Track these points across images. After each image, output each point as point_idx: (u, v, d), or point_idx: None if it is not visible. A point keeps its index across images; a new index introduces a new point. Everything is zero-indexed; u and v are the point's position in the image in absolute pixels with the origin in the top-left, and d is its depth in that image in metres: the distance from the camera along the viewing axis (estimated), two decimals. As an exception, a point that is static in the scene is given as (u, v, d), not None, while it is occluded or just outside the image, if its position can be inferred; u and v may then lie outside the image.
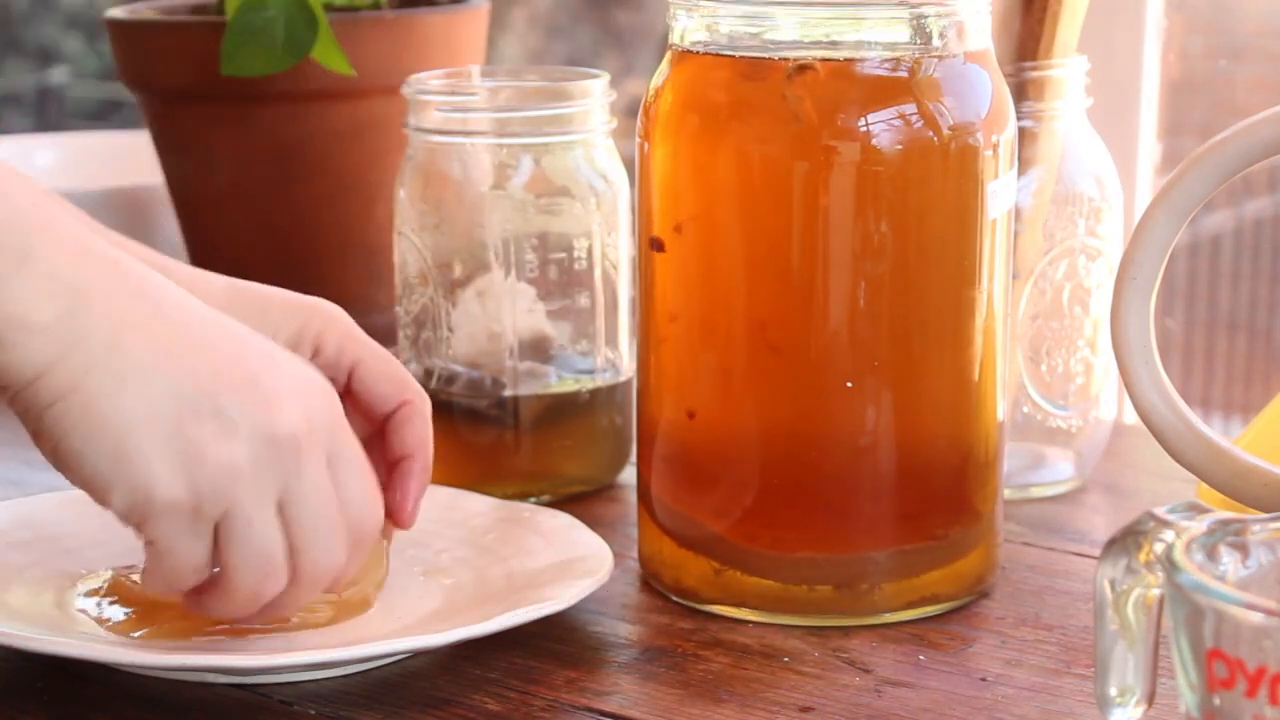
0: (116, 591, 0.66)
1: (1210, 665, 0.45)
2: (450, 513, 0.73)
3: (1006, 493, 0.75)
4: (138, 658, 0.60)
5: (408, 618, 0.66)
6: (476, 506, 0.73)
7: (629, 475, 0.81)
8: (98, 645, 0.62)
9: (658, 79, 0.68)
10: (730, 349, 0.67)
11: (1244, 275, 2.06)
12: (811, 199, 0.64)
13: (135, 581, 0.66)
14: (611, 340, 0.81)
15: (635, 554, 0.72)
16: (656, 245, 0.68)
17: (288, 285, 0.94)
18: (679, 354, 0.68)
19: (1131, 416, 0.87)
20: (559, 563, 0.67)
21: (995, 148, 0.66)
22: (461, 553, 0.70)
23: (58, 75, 3.91)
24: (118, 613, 0.65)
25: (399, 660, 0.64)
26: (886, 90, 0.64)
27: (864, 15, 0.65)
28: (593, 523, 0.73)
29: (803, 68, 0.64)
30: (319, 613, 0.65)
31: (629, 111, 0.76)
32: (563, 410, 0.80)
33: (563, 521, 0.70)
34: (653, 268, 0.69)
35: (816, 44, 0.65)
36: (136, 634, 0.64)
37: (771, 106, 0.65)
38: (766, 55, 0.65)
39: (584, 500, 0.80)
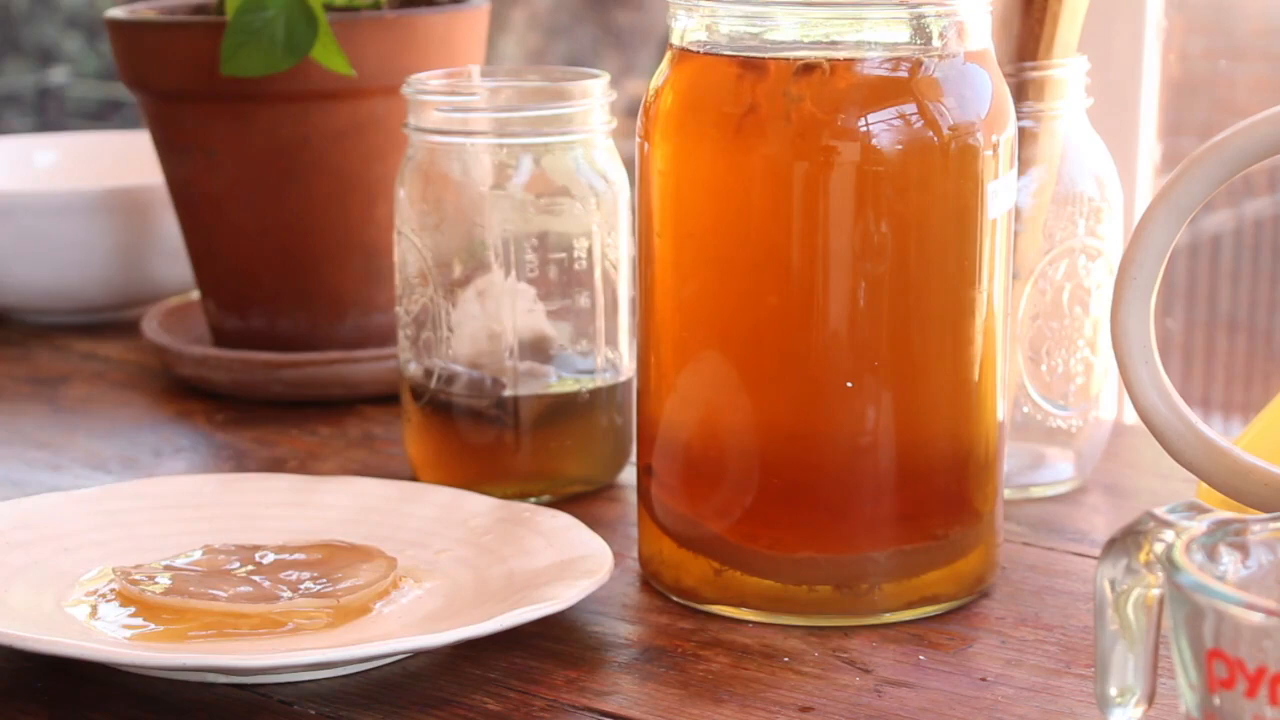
0: (116, 591, 0.66)
1: (1210, 665, 0.45)
2: (450, 513, 0.73)
3: (1006, 493, 0.75)
4: (138, 657, 0.60)
5: (407, 618, 0.66)
6: (476, 507, 0.73)
7: (629, 475, 0.81)
8: (98, 645, 0.62)
9: (658, 79, 0.68)
10: (730, 348, 0.67)
11: (1244, 275, 2.06)
12: (811, 199, 0.64)
13: (135, 581, 0.66)
14: (611, 340, 0.81)
15: (635, 554, 0.73)
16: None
17: (288, 285, 0.95)
18: (679, 353, 0.68)
19: (1131, 416, 0.87)
20: (559, 563, 0.67)
21: (995, 148, 0.66)
22: (461, 553, 0.70)
23: (58, 75, 3.90)
24: (117, 612, 0.65)
25: (399, 660, 0.64)
26: (886, 90, 0.64)
27: (864, 15, 0.65)
28: (593, 523, 0.73)
29: (809, 66, 0.64)
30: (317, 619, 0.65)
31: (629, 111, 0.76)
32: (563, 410, 0.80)
33: (563, 522, 0.70)
34: (652, 268, 0.69)
35: (816, 44, 0.65)
36: (135, 634, 0.64)
37: (772, 107, 0.65)
38: (767, 55, 0.65)
39: (584, 500, 0.80)
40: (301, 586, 0.66)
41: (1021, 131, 0.75)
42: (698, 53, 0.67)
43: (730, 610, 0.68)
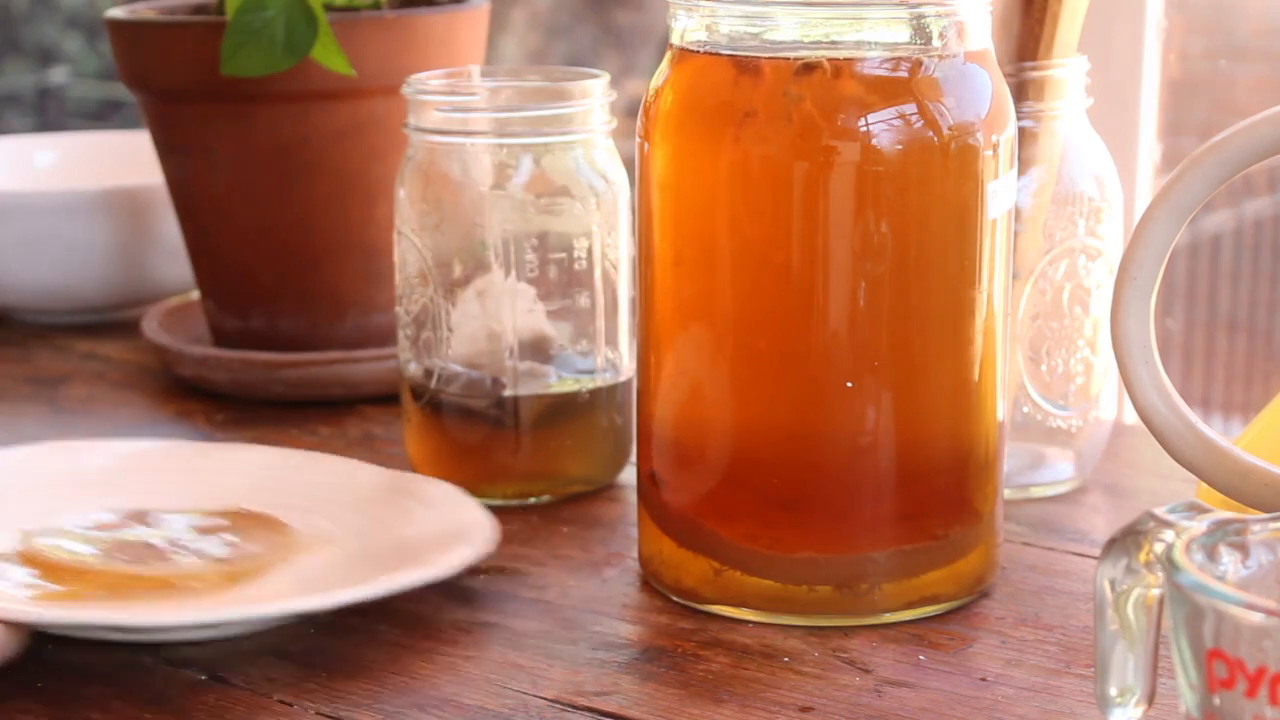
0: (18, 553, 0.68)
1: (1210, 665, 0.45)
2: (344, 480, 0.75)
3: (1006, 493, 0.75)
4: (27, 614, 0.62)
5: (298, 582, 0.68)
6: (368, 477, 0.76)
7: (629, 475, 0.81)
8: None
9: (658, 79, 0.68)
10: (730, 348, 0.67)
11: (1244, 275, 2.06)
12: (811, 199, 0.64)
13: (37, 544, 0.68)
14: (611, 340, 0.81)
15: (635, 554, 0.73)
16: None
17: (288, 285, 0.95)
18: (679, 353, 0.68)
19: (1131, 416, 0.87)
20: (443, 531, 0.70)
21: (995, 148, 0.66)
22: (353, 521, 0.73)
23: (58, 75, 3.90)
24: (20, 573, 0.67)
25: (399, 660, 0.64)
26: (886, 90, 0.64)
27: (864, 15, 0.65)
28: (593, 523, 0.73)
29: (809, 66, 0.64)
30: (210, 581, 0.67)
31: (629, 111, 0.76)
32: (563, 410, 0.80)
33: (447, 492, 0.73)
34: (652, 268, 0.69)
35: (816, 44, 0.65)
36: (35, 594, 0.66)
37: (771, 107, 0.65)
38: (767, 55, 0.65)
39: (584, 500, 0.80)
40: (198, 550, 0.69)
41: (1021, 131, 0.75)
42: (698, 52, 0.67)
43: (730, 610, 0.68)
